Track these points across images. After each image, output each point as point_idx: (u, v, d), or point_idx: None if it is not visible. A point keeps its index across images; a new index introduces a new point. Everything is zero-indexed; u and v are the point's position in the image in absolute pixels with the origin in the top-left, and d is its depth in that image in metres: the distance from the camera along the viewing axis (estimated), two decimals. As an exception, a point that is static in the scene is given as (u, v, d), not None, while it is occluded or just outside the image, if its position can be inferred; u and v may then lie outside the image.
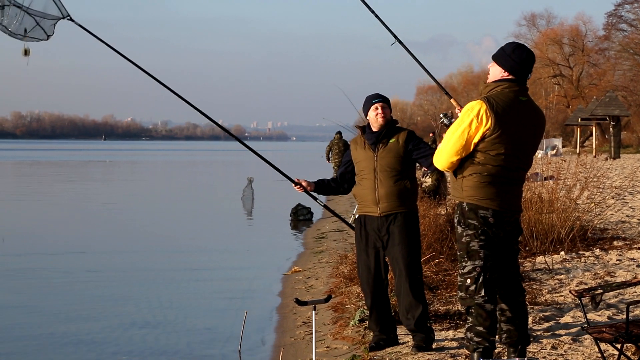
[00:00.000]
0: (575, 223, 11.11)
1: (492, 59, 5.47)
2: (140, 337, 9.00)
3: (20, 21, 6.80)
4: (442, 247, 9.82)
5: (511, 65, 5.36)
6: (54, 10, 6.86)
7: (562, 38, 78.83)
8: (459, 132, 5.29)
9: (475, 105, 5.28)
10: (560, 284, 8.91)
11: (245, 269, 13.53)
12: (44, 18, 6.84)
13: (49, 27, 6.88)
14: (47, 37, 6.93)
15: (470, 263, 5.32)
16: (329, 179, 7.10)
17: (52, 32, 6.92)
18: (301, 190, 7.02)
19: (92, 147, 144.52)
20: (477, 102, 5.30)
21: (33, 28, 6.85)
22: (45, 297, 11.31)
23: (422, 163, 6.74)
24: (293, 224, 20.23)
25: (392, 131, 6.73)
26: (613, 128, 47.03)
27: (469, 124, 5.25)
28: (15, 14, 6.77)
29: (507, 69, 5.37)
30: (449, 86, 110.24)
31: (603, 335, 5.23)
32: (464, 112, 5.32)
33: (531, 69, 5.43)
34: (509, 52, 5.38)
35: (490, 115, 5.22)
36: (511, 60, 5.36)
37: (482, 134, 5.24)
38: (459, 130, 5.29)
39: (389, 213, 6.62)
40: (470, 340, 5.37)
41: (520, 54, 5.38)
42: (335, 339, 7.71)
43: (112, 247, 16.30)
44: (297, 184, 7.01)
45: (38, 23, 6.83)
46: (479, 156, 5.28)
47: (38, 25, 6.85)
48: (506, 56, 5.39)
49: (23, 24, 6.82)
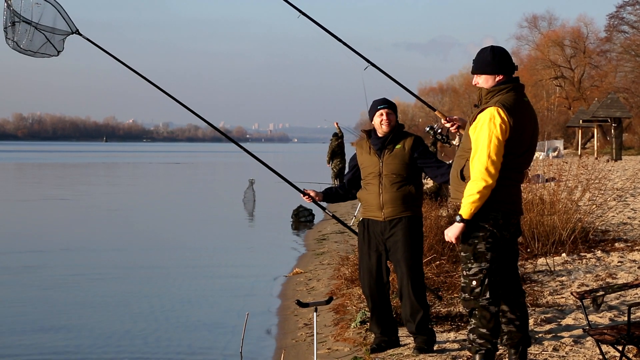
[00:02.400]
0: (576, 225, 11.10)
1: (474, 72, 5.44)
2: (142, 338, 9.00)
3: (30, 37, 6.83)
4: (444, 249, 9.81)
5: (500, 66, 5.38)
6: (62, 25, 6.88)
7: (564, 40, 78.82)
8: (495, 141, 5.21)
9: (496, 112, 5.21)
10: (561, 285, 8.91)
11: (247, 271, 13.53)
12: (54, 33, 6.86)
13: (58, 43, 6.91)
14: (58, 52, 6.96)
15: (476, 265, 5.31)
16: (336, 187, 7.08)
17: (62, 47, 6.95)
18: (309, 200, 7.01)
19: (93, 149, 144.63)
20: (494, 108, 5.25)
21: (44, 44, 6.88)
22: (48, 295, 11.32)
23: (427, 173, 6.73)
24: (294, 225, 20.23)
25: (398, 137, 6.72)
26: (614, 130, 46.98)
27: (499, 128, 5.20)
28: (25, 30, 6.79)
29: (499, 72, 5.38)
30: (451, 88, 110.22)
31: (604, 337, 5.23)
32: (488, 119, 5.23)
33: (512, 61, 5.42)
34: (490, 59, 5.38)
35: (509, 119, 5.21)
36: (496, 62, 5.37)
37: (504, 139, 5.25)
38: (494, 139, 5.21)
39: (392, 217, 6.62)
40: (473, 342, 5.37)
41: (497, 52, 5.40)
42: (337, 340, 7.71)
43: (113, 247, 16.30)
44: (305, 194, 7.00)
45: (48, 39, 6.85)
46: None
47: (48, 42, 6.87)
48: (489, 63, 5.39)
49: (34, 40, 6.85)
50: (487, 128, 5.23)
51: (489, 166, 5.19)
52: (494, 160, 5.20)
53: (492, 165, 5.19)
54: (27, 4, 6.85)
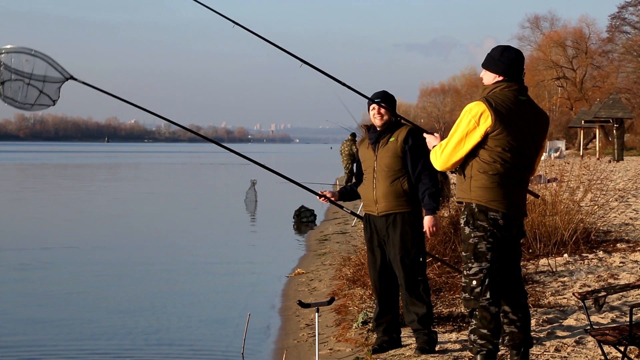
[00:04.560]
0: (578, 225, 11.09)
1: (482, 67, 5.51)
2: (143, 338, 9.01)
3: (25, 92, 6.82)
4: (445, 249, 9.80)
5: (503, 68, 5.41)
6: (55, 73, 6.86)
7: (566, 40, 78.85)
8: (458, 133, 5.31)
9: (474, 106, 5.30)
10: (563, 286, 8.90)
11: (248, 271, 13.53)
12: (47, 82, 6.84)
13: (54, 92, 6.90)
14: (53, 102, 6.96)
15: (477, 265, 5.32)
16: (351, 185, 7.05)
17: (58, 95, 6.93)
18: (326, 201, 7.00)
19: (95, 150, 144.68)
20: (476, 103, 5.33)
21: (38, 97, 6.87)
22: (50, 293, 11.33)
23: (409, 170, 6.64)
24: (296, 226, 20.24)
25: (393, 129, 6.66)
26: (616, 130, 47.01)
27: (467, 124, 5.27)
28: (18, 87, 6.79)
29: (500, 73, 5.41)
30: (453, 88, 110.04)
31: (606, 338, 5.22)
32: (463, 113, 5.34)
33: (522, 68, 5.45)
34: (498, 57, 5.44)
35: (490, 113, 5.24)
36: (501, 63, 5.41)
37: (483, 133, 5.25)
38: (458, 131, 5.31)
39: (387, 213, 6.58)
40: (474, 342, 5.36)
41: (508, 55, 5.43)
42: (338, 341, 7.71)
43: (114, 245, 16.32)
44: (321, 196, 7.00)
45: (42, 91, 6.84)
46: (485, 155, 5.28)
47: (42, 93, 6.86)
48: (495, 61, 5.44)
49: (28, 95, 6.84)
50: (459, 118, 5.35)
51: (440, 154, 5.38)
52: (448, 150, 5.34)
53: (445, 154, 5.35)
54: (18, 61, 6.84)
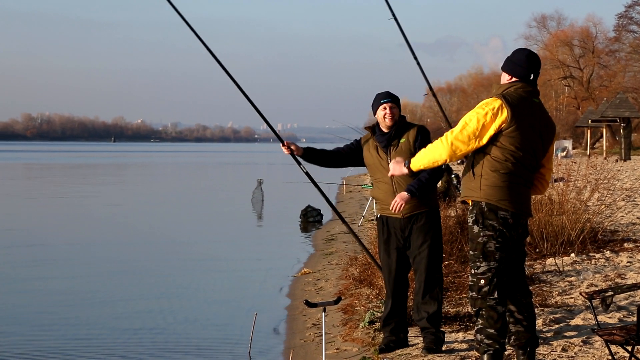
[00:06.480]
0: (585, 225, 11.07)
1: (501, 69, 5.55)
2: (150, 338, 9.03)
3: None
4: (452, 249, 9.78)
5: (512, 68, 5.45)
6: None
7: (573, 40, 78.66)
8: (473, 123, 5.28)
9: (491, 100, 5.32)
10: (570, 286, 8.89)
11: (255, 271, 13.55)
12: None
13: None
14: None
15: (485, 264, 5.32)
16: (320, 148, 7.00)
17: None
18: (288, 152, 6.90)
19: (102, 149, 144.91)
20: (492, 98, 5.35)
21: None
22: (54, 291, 11.35)
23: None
24: (303, 225, 20.24)
25: (402, 130, 6.67)
26: (623, 130, 46.87)
27: (484, 115, 5.26)
28: None
29: (511, 73, 5.43)
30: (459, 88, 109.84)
31: (614, 338, 5.22)
32: (479, 106, 5.34)
33: (535, 69, 5.45)
34: (510, 57, 5.50)
35: (506, 108, 5.25)
36: (512, 64, 5.45)
37: (498, 127, 5.25)
38: (473, 121, 5.28)
39: (411, 214, 6.60)
40: (481, 342, 5.36)
41: (519, 56, 5.46)
42: (345, 340, 7.71)
43: (121, 244, 16.35)
44: (287, 147, 6.90)
45: None
46: (498, 153, 5.28)
47: None
48: (508, 61, 5.50)
49: None
50: (475, 109, 5.34)
51: (451, 140, 5.31)
52: (461, 137, 5.28)
53: (457, 140, 5.29)
54: None
